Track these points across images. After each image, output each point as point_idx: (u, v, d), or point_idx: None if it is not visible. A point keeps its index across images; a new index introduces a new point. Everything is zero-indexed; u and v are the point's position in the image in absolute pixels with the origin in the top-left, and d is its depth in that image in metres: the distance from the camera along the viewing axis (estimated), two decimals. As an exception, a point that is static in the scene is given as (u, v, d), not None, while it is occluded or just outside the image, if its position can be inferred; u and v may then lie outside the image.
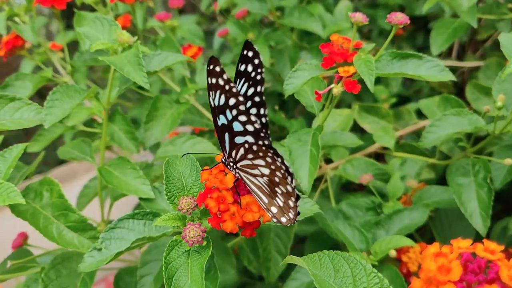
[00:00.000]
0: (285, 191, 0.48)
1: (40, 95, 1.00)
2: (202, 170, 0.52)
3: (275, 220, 0.49)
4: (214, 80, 0.46)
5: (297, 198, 0.49)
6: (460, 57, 1.33)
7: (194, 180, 0.55)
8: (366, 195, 0.95)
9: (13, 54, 0.89)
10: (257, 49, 0.50)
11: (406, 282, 0.69)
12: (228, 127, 0.48)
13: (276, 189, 0.48)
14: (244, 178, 0.50)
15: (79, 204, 0.90)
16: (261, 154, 0.47)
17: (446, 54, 1.34)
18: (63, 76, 0.96)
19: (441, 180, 0.92)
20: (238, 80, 0.51)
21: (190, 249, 0.50)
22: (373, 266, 0.70)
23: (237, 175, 0.50)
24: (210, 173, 0.51)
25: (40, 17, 0.95)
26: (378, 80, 1.27)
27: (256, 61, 0.50)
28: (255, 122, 0.47)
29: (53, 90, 0.64)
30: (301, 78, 0.66)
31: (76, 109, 0.78)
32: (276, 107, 1.25)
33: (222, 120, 0.48)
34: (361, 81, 0.64)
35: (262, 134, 0.48)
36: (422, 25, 1.40)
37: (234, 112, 0.47)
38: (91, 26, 0.68)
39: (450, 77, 0.65)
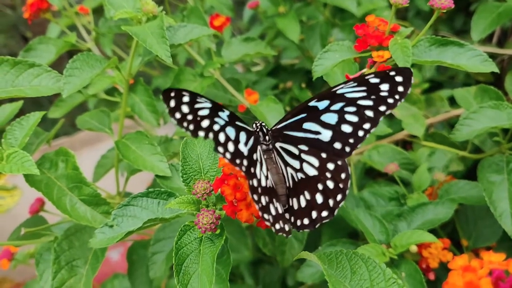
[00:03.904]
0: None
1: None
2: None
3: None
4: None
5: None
6: (501, 44, 1.26)
7: (212, 163, 0.52)
8: (390, 184, 0.92)
9: (38, 17, 0.87)
10: (412, 81, 0.47)
11: (425, 278, 0.66)
12: None
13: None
14: None
15: (96, 174, 0.89)
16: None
17: (486, 40, 1.27)
18: (87, 42, 0.94)
19: (470, 173, 0.88)
20: (355, 84, 0.48)
21: (202, 236, 0.49)
22: (392, 260, 0.68)
23: None
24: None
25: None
26: (412, 64, 1.22)
27: (400, 89, 0.47)
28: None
29: (73, 58, 0.62)
30: (331, 60, 0.63)
31: (98, 77, 0.76)
32: (303, 85, 1.21)
33: None
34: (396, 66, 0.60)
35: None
36: (463, 7, 1.32)
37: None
38: (115, -8, 0.65)
39: (493, 68, 0.61)
